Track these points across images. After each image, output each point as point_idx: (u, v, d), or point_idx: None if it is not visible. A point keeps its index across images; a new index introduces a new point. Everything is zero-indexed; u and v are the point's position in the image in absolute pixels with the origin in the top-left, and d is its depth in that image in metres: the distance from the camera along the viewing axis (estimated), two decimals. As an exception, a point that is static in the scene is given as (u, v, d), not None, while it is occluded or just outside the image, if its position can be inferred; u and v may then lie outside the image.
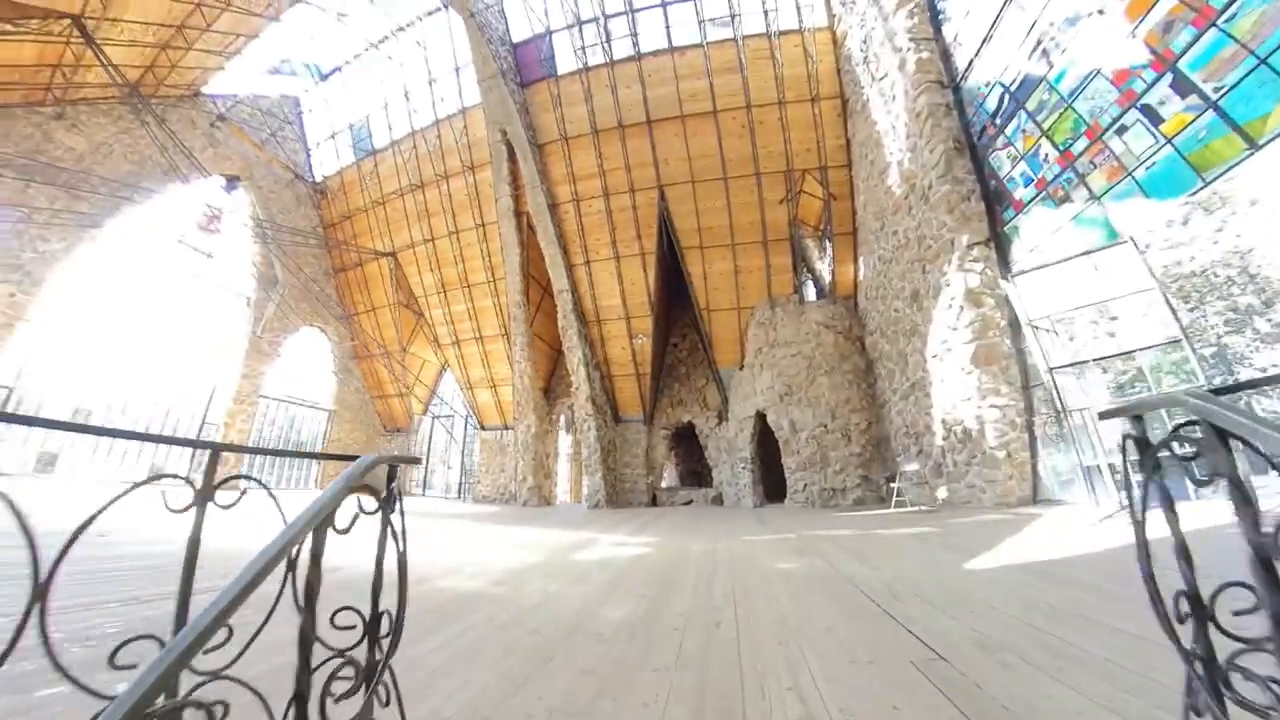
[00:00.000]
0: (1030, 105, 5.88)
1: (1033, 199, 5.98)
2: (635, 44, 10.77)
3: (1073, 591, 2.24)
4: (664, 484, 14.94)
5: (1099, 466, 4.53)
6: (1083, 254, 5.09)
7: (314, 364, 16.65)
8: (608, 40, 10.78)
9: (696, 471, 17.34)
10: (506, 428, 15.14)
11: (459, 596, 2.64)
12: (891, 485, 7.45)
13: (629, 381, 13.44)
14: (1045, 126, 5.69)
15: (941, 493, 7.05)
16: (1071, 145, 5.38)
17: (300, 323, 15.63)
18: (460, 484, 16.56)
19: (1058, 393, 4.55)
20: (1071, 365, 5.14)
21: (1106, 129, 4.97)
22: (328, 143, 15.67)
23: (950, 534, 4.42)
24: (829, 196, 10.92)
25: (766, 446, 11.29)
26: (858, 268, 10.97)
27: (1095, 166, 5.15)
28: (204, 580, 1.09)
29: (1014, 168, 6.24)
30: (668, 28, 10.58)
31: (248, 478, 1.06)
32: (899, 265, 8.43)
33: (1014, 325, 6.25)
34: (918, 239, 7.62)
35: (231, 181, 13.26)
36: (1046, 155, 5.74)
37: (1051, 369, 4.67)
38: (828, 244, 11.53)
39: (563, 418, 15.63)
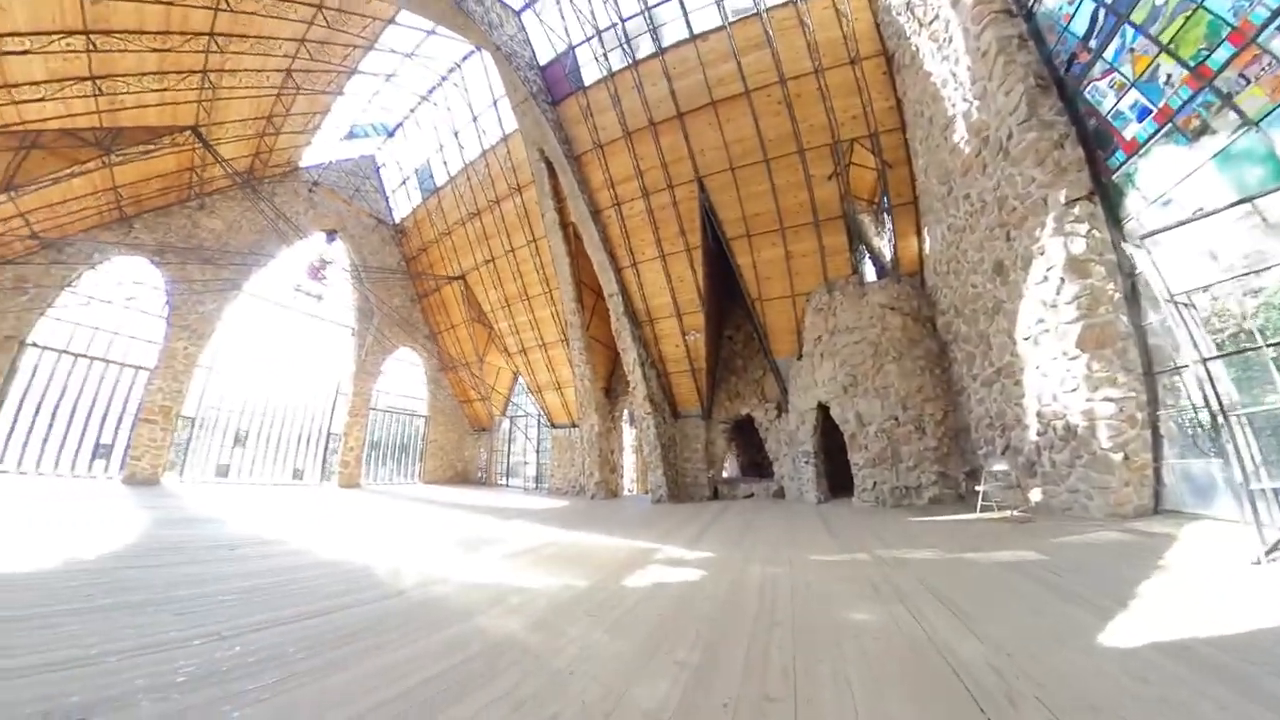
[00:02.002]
0: (1138, 16, 4.37)
1: (1152, 136, 4.48)
2: (656, 39, 10.01)
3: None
4: (725, 475, 14.29)
5: (1265, 489, 3.23)
6: (1239, 202, 3.65)
7: (411, 378, 18.27)
8: (627, 42, 10.13)
9: (757, 463, 16.41)
10: (573, 425, 15.40)
11: (491, 647, 2.37)
12: (975, 487, 6.22)
13: (685, 378, 12.91)
14: (1165, 39, 4.19)
15: (1035, 494, 5.77)
16: (1207, 58, 3.89)
17: (395, 344, 17.20)
18: (536, 478, 17.23)
19: (1214, 389, 3.28)
20: (1236, 353, 3.70)
21: (1264, 25, 3.49)
22: (400, 189, 17.06)
23: (1060, 563, 3.43)
24: (883, 165, 9.39)
25: (829, 437, 10.21)
26: (922, 241, 9.37)
27: (1249, 81, 3.66)
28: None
29: (1121, 99, 4.73)
30: (686, 16, 9.65)
31: None
32: (974, 234, 6.97)
33: (1131, 299, 4.81)
34: (997, 201, 6.20)
35: (330, 234, 14.68)
36: (1170, 76, 4.24)
37: (1206, 359, 3.37)
38: (886, 218, 9.99)
39: (625, 412, 15.54)
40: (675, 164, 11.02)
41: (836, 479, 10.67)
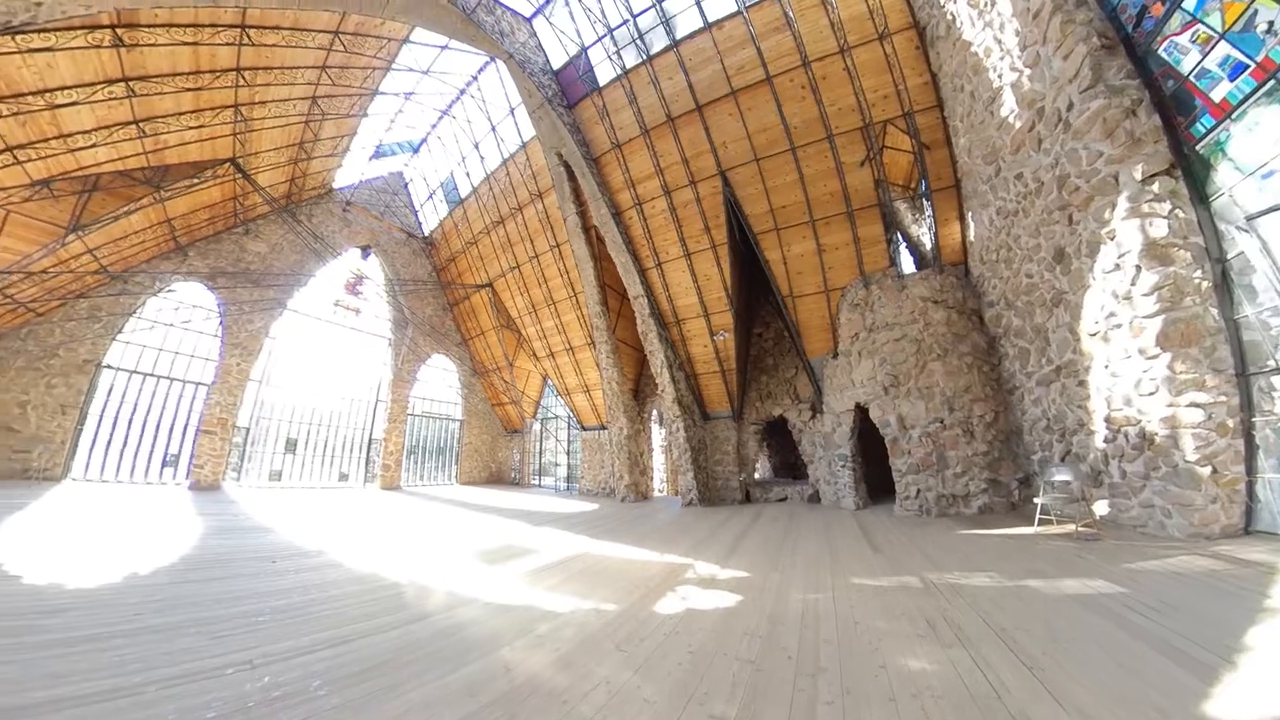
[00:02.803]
0: (1233, -43, 3.71)
1: (1249, 96, 3.82)
2: (669, 32, 9.64)
3: None
4: (757, 477, 13.88)
5: None
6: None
7: (446, 383, 18.85)
8: (640, 37, 9.82)
9: (791, 464, 15.85)
10: (603, 427, 15.40)
11: (513, 690, 2.28)
12: (1032, 499, 5.64)
13: (714, 379, 12.60)
14: (1266, -19, 3.54)
15: (1100, 507, 5.18)
16: (1325, -1, 3.24)
17: (429, 352, 17.76)
18: (567, 479, 17.41)
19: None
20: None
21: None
22: (428, 202, 17.55)
23: (1143, 598, 3.00)
24: (919, 147, 8.66)
25: (868, 440, 9.67)
26: (966, 228, 8.62)
27: (1381, 24, 3.02)
28: None
29: (1207, 55, 4.06)
30: (700, 3, 9.22)
31: None
32: (1028, 218, 6.31)
33: (1221, 289, 4.17)
34: (1056, 180, 5.56)
35: (365, 250, 15.28)
36: (1271, 24, 3.59)
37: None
38: (925, 204, 9.25)
39: (655, 412, 15.39)
40: (697, 159, 10.67)
41: (875, 483, 10.12)
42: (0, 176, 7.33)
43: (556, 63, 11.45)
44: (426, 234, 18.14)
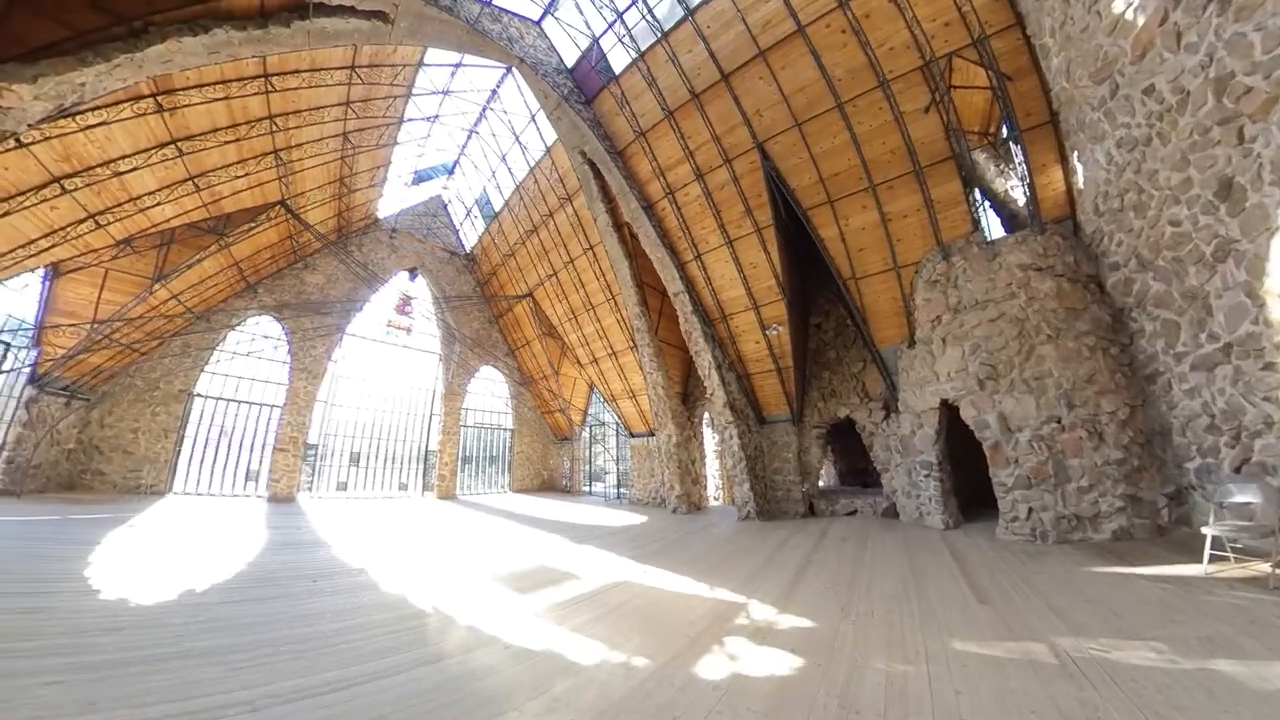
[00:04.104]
0: None
1: None
2: (681, 0, 8.90)
3: None
4: (822, 485, 12.62)
5: None
6: None
7: (495, 394, 19.63)
8: (650, 13, 9.18)
9: (860, 470, 14.25)
10: (651, 433, 14.95)
11: None
12: (1188, 519, 4.22)
13: (769, 378, 11.61)
14: None
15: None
16: None
17: (478, 365, 18.57)
18: (617, 486, 17.22)
19: None
20: None
21: None
22: (466, 220, 18.42)
23: None
24: (998, 79, 7.10)
25: (957, 441, 8.26)
26: (1070, 172, 6.98)
27: None
28: None
29: None
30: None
31: None
32: (1168, 145, 4.84)
33: None
34: (1213, 85, 4.17)
35: (412, 272, 16.23)
36: None
37: None
38: (1013, 149, 7.64)
39: (705, 415, 14.65)
40: (729, 134, 9.82)
41: (969, 494, 8.65)
42: (90, 240, 8.52)
43: (569, 60, 11.24)
44: (468, 251, 18.99)
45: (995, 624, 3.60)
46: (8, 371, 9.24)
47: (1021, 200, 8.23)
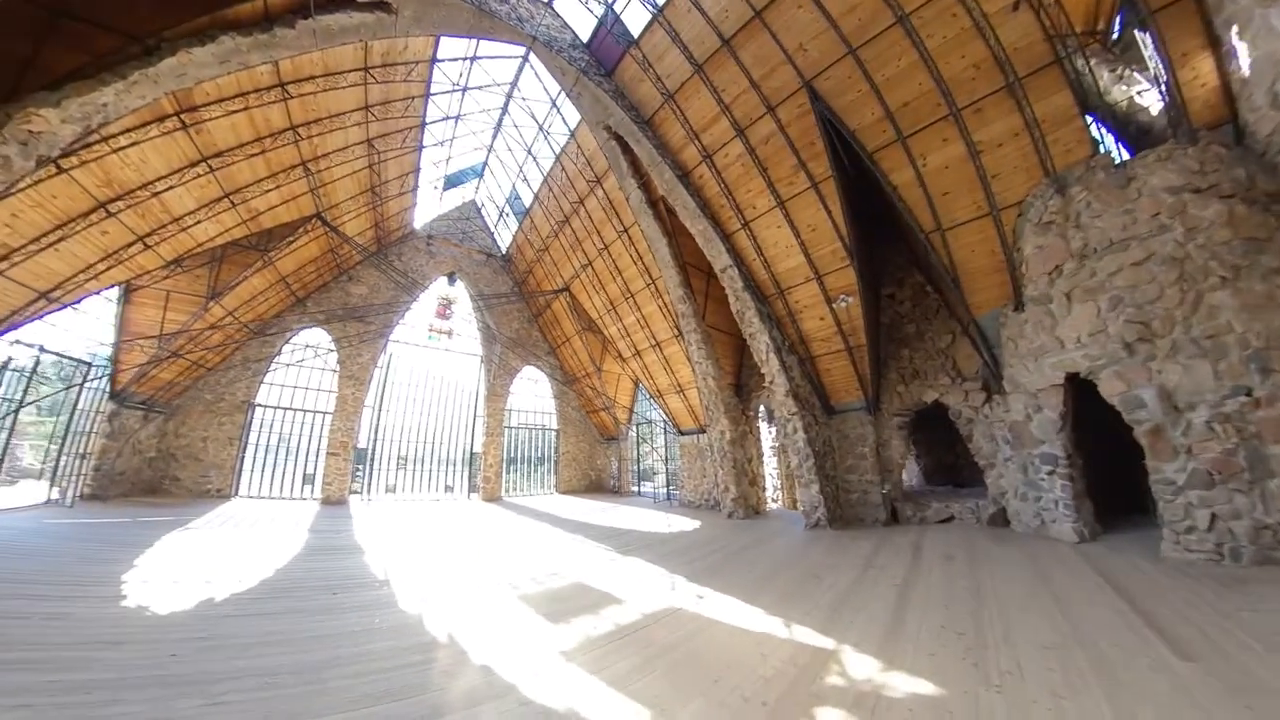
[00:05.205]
0: None
1: None
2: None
3: None
4: (906, 485, 10.95)
5: None
6: None
7: (539, 394, 19.61)
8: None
9: (950, 465, 12.28)
10: (701, 430, 13.97)
11: None
12: None
13: (837, 360, 10.22)
14: None
15: None
16: None
17: (519, 365, 18.60)
18: (668, 488, 16.35)
19: None
20: None
21: None
22: (500, 221, 18.56)
23: None
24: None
25: (1087, 428, 6.60)
26: (1225, 56, 5.17)
27: None
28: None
29: None
30: None
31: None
32: None
33: None
34: None
35: (451, 277, 16.49)
36: None
37: None
38: (1144, 36, 5.79)
39: (761, 408, 13.41)
40: (769, 78, 8.64)
41: (1105, 496, 6.89)
42: (142, 261, 9.14)
43: (584, 35, 10.68)
44: (504, 251, 19.12)
45: (1221, 697, 2.38)
46: (91, 389, 10.28)
47: (1156, 108, 6.35)
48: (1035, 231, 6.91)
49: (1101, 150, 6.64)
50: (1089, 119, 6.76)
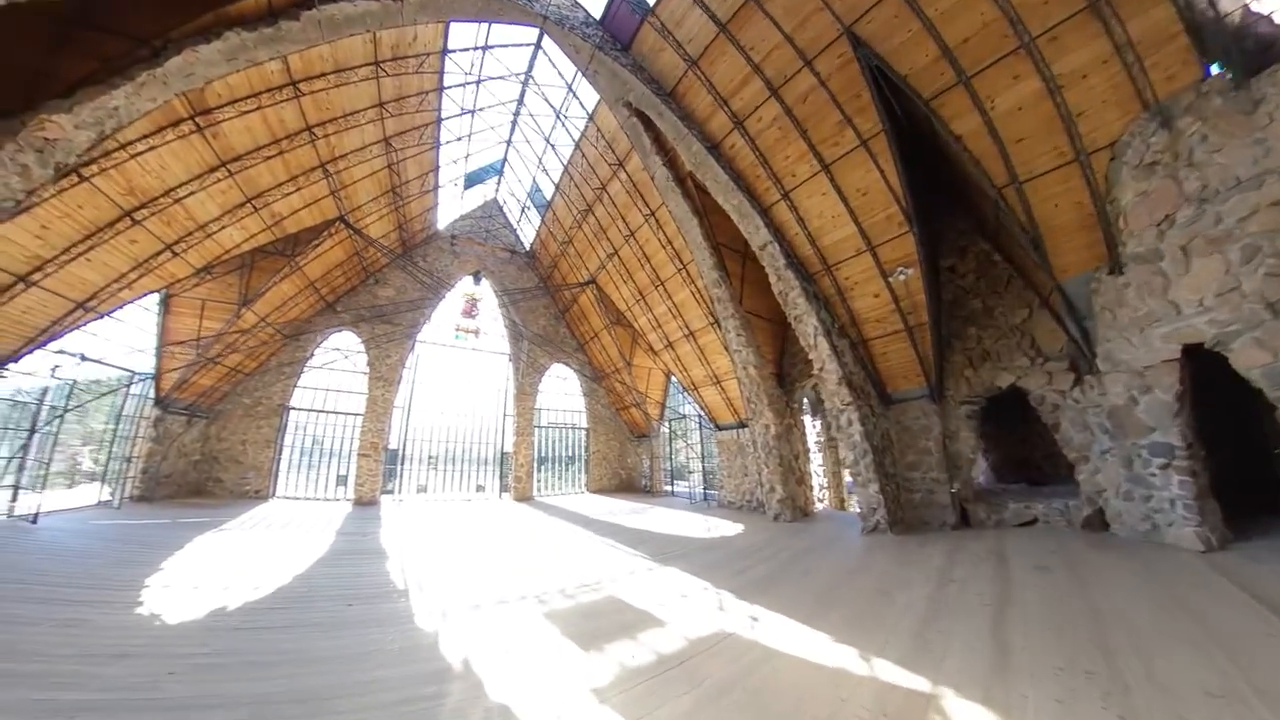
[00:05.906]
0: None
1: None
2: None
3: None
4: (977, 483, 9.88)
5: None
6: None
7: (568, 391, 19.42)
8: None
9: (1026, 460, 11.03)
10: (741, 425, 13.27)
11: None
12: None
13: (895, 342, 9.31)
14: None
15: None
16: None
17: (548, 363, 18.45)
18: (704, 488, 15.62)
19: None
20: None
21: None
22: (522, 217, 18.46)
23: None
24: None
25: (1207, 412, 5.57)
26: None
27: None
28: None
29: None
30: None
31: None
32: None
33: None
34: None
35: (476, 276, 16.46)
36: None
37: None
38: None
39: (805, 399, 12.59)
40: (803, 28, 7.84)
41: (1238, 492, 5.82)
42: (172, 269, 9.41)
43: (597, 12, 10.27)
44: (527, 247, 19.03)
45: None
46: (136, 396, 10.77)
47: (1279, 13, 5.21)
48: (1135, 176, 5.90)
49: (1209, 71, 5.55)
50: (1210, 21, 5.65)
